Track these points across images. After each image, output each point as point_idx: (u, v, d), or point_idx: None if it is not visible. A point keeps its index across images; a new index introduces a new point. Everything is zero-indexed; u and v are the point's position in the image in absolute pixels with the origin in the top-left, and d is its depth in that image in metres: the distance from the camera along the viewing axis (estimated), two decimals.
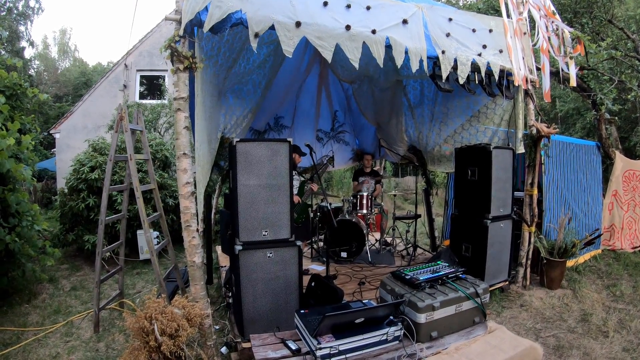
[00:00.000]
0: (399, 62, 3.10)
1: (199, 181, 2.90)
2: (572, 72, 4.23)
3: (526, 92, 4.30)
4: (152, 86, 13.19)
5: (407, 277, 2.21)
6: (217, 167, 4.55)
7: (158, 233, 5.55)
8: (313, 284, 3.47)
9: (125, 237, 4.03)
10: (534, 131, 4.26)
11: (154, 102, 11.66)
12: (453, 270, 2.34)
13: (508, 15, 4.13)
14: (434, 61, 3.44)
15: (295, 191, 5.36)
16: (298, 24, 2.73)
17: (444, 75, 3.37)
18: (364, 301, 2.26)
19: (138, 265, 5.50)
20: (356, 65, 2.92)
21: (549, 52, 4.39)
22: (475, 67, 3.63)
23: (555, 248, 4.30)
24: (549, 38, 4.29)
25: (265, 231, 2.92)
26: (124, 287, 4.19)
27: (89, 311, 3.93)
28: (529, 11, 4.35)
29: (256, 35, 2.61)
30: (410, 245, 5.55)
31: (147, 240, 3.51)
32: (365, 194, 5.61)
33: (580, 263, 4.99)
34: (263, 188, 2.90)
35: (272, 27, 2.67)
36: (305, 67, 5.66)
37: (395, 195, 5.91)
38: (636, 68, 5.53)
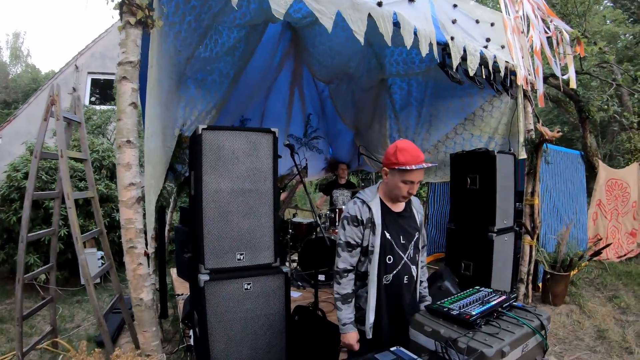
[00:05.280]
0: (409, 42, 2.57)
1: (149, 185, 2.12)
2: (572, 73, 3.96)
3: (525, 94, 3.97)
4: (105, 94, 12.05)
5: (454, 312, 1.58)
6: (172, 172, 3.73)
7: (103, 253, 4.58)
8: (297, 317, 2.75)
9: (63, 257, 3.13)
10: (533, 135, 3.93)
11: (105, 107, 10.58)
12: (505, 297, 1.76)
13: (506, 12, 3.82)
14: (442, 47, 2.95)
15: None
16: None
17: (455, 64, 2.88)
18: (401, 349, 1.56)
19: (79, 291, 4.51)
20: (361, 39, 2.33)
21: (541, 54, 4.11)
22: (483, 60, 3.21)
23: (558, 261, 3.94)
24: (547, 38, 4.01)
25: (241, 254, 2.18)
26: (60, 320, 3.41)
27: (12, 353, 3.00)
28: (524, 10, 4.07)
29: None
30: None
31: (82, 264, 2.68)
32: (343, 207, 5.01)
33: (574, 275, 4.71)
34: (238, 195, 2.18)
35: None
36: (277, 62, 5.01)
37: None
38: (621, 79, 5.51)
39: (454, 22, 3.14)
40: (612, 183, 5.55)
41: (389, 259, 1.80)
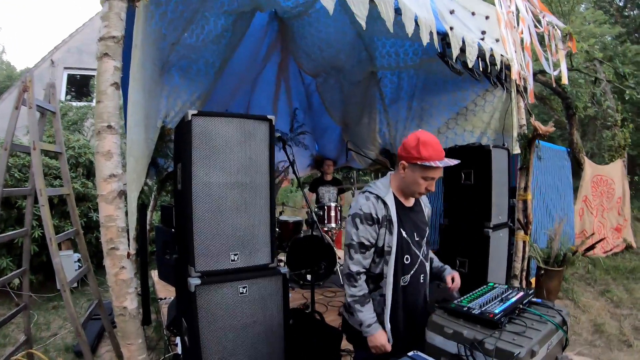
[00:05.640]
0: (410, 30, 2.46)
1: (131, 180, 1.92)
2: (564, 69, 3.95)
3: (517, 89, 3.93)
4: (80, 91, 11.52)
5: (475, 311, 1.46)
6: (154, 166, 3.50)
7: (80, 255, 4.28)
8: (291, 321, 2.58)
9: (37, 260, 2.89)
10: (525, 130, 3.90)
11: (81, 103, 10.12)
12: (524, 293, 1.67)
13: (500, 6, 3.78)
14: (442, 37, 2.86)
15: None
16: None
17: (455, 54, 2.79)
18: (418, 353, 1.43)
19: (55, 297, 4.20)
20: (363, 24, 2.19)
21: (531, 49, 4.10)
22: (480, 52, 3.14)
23: (552, 257, 3.92)
24: (537, 34, 3.99)
25: (235, 254, 2.00)
26: (36, 329, 3.24)
27: None
28: (515, 4, 4.04)
29: None
30: None
31: (56, 268, 2.50)
32: (333, 204, 4.89)
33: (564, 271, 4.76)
34: (232, 188, 2.00)
35: None
36: (263, 54, 4.84)
37: None
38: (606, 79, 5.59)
39: (452, 12, 3.07)
40: (597, 179, 5.63)
41: (407, 259, 1.67)
